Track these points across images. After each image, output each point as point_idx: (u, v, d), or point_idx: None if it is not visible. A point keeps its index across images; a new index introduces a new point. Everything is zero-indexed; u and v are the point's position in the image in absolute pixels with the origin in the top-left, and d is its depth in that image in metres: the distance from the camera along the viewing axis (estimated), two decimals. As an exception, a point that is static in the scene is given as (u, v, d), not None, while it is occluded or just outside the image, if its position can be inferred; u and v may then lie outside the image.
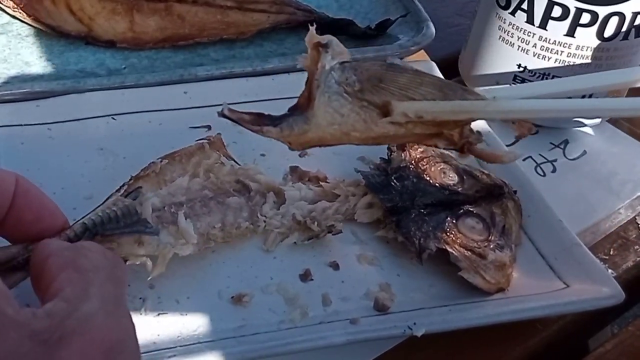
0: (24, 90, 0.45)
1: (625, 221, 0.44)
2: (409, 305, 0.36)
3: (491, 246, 0.37)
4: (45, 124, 0.44)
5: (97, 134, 0.44)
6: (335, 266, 0.38)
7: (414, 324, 0.33)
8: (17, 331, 0.21)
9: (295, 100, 0.29)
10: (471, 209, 0.39)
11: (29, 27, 0.54)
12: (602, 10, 0.44)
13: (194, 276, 0.36)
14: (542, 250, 0.39)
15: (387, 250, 0.39)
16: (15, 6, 0.53)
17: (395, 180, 0.40)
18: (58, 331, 0.22)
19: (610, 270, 0.40)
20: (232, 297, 0.35)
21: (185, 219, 0.36)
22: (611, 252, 0.42)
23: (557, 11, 0.45)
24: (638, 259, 0.42)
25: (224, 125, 0.46)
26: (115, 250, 0.32)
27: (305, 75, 0.31)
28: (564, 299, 0.36)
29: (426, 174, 0.40)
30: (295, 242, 0.38)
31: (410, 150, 0.41)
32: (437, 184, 0.40)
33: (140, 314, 0.34)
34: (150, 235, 0.34)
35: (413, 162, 0.41)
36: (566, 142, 0.49)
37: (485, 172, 0.41)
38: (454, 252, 0.37)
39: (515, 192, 0.41)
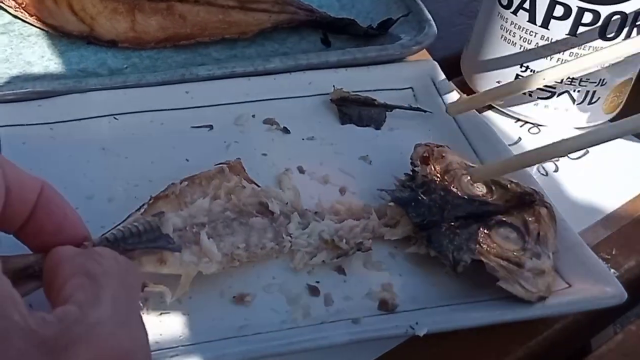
0: (25, 90, 0.45)
1: (627, 221, 0.44)
2: (411, 304, 0.36)
3: (528, 254, 0.36)
4: (47, 123, 0.44)
5: (99, 133, 0.44)
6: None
7: (416, 323, 0.33)
8: (23, 338, 0.20)
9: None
10: (503, 219, 0.38)
11: (31, 26, 0.54)
12: (604, 10, 0.44)
13: (196, 275, 0.36)
14: (545, 250, 0.39)
15: (388, 250, 0.39)
16: (17, 6, 0.53)
17: (422, 195, 0.38)
18: (65, 338, 0.21)
19: (612, 270, 0.40)
20: (234, 297, 0.35)
21: (208, 238, 0.35)
22: (613, 252, 0.42)
23: (559, 10, 0.45)
24: (640, 258, 0.42)
25: (225, 124, 0.47)
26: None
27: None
28: (566, 298, 0.36)
29: (453, 186, 0.39)
30: (323, 261, 0.37)
31: (435, 164, 0.40)
32: (465, 196, 0.38)
33: (143, 313, 0.34)
34: (173, 252, 0.33)
35: (438, 175, 0.39)
36: (568, 141, 0.49)
37: (514, 180, 0.40)
38: (489, 262, 0.36)
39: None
